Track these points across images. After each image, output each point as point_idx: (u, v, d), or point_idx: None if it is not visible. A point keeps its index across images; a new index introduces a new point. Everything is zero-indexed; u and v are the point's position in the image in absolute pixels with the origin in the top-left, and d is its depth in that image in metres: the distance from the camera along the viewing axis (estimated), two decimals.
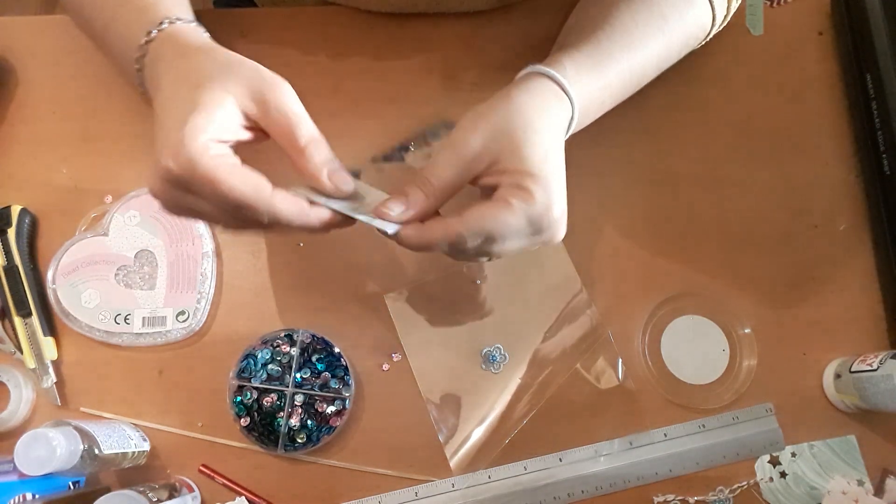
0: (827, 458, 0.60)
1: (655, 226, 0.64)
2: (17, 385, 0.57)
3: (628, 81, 0.57)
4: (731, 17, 0.62)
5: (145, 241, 0.60)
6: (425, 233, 0.46)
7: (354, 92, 0.65)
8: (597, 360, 0.61)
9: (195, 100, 0.42)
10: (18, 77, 0.64)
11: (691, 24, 0.59)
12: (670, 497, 0.58)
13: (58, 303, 0.59)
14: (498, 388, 0.60)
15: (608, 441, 0.59)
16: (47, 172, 0.62)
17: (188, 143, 0.41)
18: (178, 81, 0.44)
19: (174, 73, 0.45)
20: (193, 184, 0.42)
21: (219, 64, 0.44)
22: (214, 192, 0.42)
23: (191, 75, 0.44)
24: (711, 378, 0.61)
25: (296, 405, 0.57)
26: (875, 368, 0.55)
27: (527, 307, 0.61)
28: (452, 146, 0.47)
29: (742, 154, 0.66)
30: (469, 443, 0.58)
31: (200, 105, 0.42)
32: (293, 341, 0.59)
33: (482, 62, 0.66)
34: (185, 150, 0.41)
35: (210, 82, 0.43)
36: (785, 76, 0.67)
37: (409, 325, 0.60)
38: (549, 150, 0.47)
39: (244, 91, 0.43)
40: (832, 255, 0.64)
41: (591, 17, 0.58)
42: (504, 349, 0.60)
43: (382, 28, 0.66)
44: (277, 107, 0.44)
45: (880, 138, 0.63)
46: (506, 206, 0.45)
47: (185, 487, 0.55)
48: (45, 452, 0.47)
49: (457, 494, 0.58)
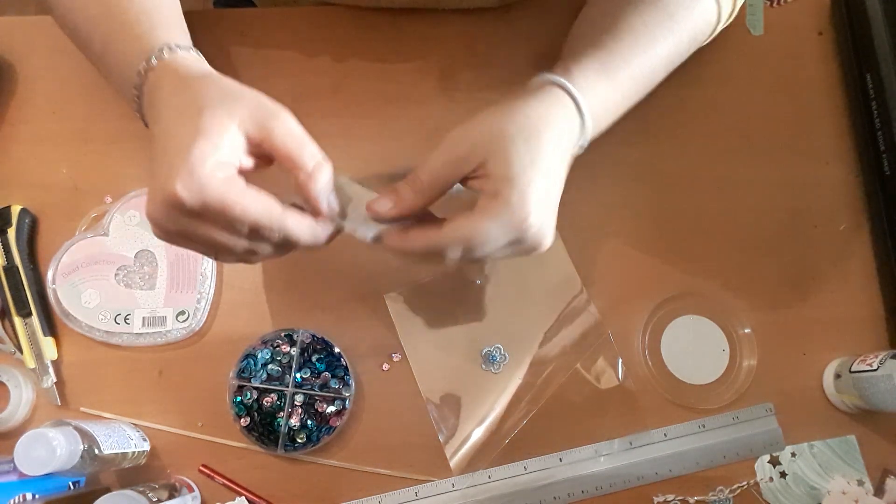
0: (827, 458, 0.60)
1: (655, 226, 0.64)
2: (17, 385, 0.57)
3: (640, 84, 0.56)
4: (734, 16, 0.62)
5: (145, 241, 0.60)
6: (406, 241, 0.46)
7: (354, 92, 0.65)
8: (597, 360, 0.61)
9: (199, 126, 0.42)
10: (18, 77, 0.64)
11: (699, 21, 0.59)
12: (670, 497, 0.58)
13: (58, 303, 0.59)
14: (498, 388, 0.60)
15: (608, 441, 0.59)
16: (47, 172, 0.62)
17: (197, 168, 0.40)
18: (180, 110, 0.44)
19: (175, 102, 0.45)
20: (206, 209, 0.41)
21: (221, 91, 0.44)
22: (227, 215, 0.42)
23: (193, 103, 0.44)
24: (711, 378, 0.61)
25: (296, 405, 0.57)
26: (875, 368, 0.56)
27: (527, 307, 0.61)
28: (445, 143, 0.47)
29: (742, 154, 0.66)
30: (469, 443, 0.58)
31: (205, 131, 0.42)
32: (293, 341, 0.59)
33: (482, 62, 0.66)
34: (195, 176, 0.40)
35: (213, 109, 0.43)
36: (785, 76, 0.67)
37: (409, 325, 0.60)
38: (538, 158, 0.46)
39: (248, 116, 0.43)
40: (832, 255, 0.64)
41: (598, 20, 0.58)
42: (504, 349, 0.60)
43: (382, 28, 0.66)
44: (282, 131, 0.44)
45: (880, 138, 0.63)
46: (481, 216, 0.45)
47: (185, 487, 0.55)
48: (45, 452, 0.47)
49: (457, 494, 0.58)
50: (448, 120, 0.61)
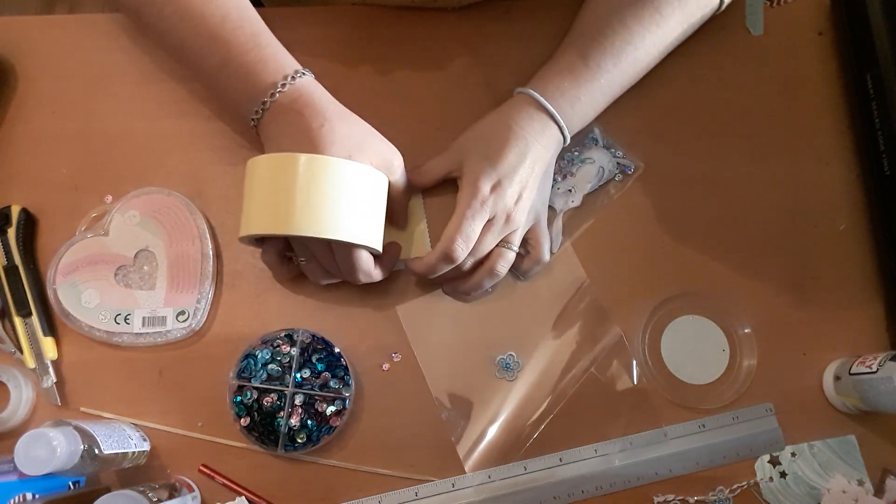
0: (827, 458, 0.60)
1: (655, 226, 0.64)
2: (17, 385, 0.57)
3: (619, 82, 0.60)
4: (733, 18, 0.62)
5: (145, 241, 0.60)
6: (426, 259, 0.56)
7: (356, 91, 0.64)
8: (611, 364, 0.61)
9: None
10: (18, 77, 0.64)
11: (692, 10, 0.60)
12: (670, 497, 0.58)
13: (58, 303, 0.59)
14: (513, 395, 0.60)
15: (608, 441, 0.59)
16: (47, 172, 0.62)
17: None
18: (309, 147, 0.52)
19: (299, 136, 0.53)
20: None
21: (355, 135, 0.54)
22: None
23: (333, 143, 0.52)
24: (711, 378, 0.61)
25: (296, 405, 0.57)
26: (874, 370, 0.55)
27: (538, 313, 0.61)
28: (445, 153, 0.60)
29: (742, 154, 0.66)
30: (485, 448, 0.58)
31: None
32: (293, 341, 0.59)
33: (483, 62, 0.66)
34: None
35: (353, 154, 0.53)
36: (785, 76, 0.67)
37: (421, 335, 0.60)
38: (496, 152, 0.56)
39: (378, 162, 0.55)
40: (832, 255, 0.64)
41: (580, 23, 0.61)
42: (517, 356, 0.60)
43: (384, 28, 0.66)
44: (402, 171, 0.57)
45: (880, 138, 0.63)
46: (456, 206, 0.56)
47: (185, 487, 0.55)
48: (45, 452, 0.47)
49: (457, 494, 0.58)
50: (448, 120, 0.61)
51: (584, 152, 0.64)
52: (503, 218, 0.56)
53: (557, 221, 0.62)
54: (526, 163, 0.56)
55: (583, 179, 0.63)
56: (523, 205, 0.57)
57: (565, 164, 0.63)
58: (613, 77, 0.59)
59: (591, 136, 0.64)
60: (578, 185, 0.63)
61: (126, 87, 0.64)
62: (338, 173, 0.52)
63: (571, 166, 0.63)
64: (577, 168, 0.63)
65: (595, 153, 0.63)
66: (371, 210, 0.54)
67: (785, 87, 0.67)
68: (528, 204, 0.57)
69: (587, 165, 0.63)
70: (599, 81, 0.59)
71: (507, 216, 0.56)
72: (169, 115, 0.63)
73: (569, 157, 0.64)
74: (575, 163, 0.63)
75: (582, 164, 0.63)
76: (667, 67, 0.63)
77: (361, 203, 0.53)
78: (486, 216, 0.55)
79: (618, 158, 0.63)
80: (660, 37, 0.60)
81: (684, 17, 0.60)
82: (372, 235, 0.54)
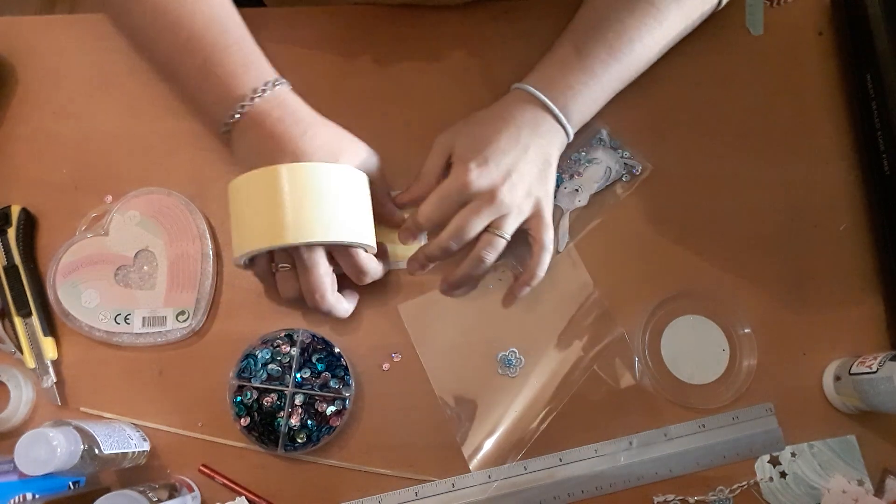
0: (827, 458, 0.60)
1: (655, 226, 0.64)
2: (17, 385, 0.57)
3: (617, 75, 0.60)
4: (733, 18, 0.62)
5: (145, 240, 0.60)
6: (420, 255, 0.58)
7: (356, 91, 0.65)
8: (613, 361, 0.61)
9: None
10: (18, 77, 0.64)
11: (691, 6, 0.61)
12: (670, 497, 0.58)
13: (58, 303, 0.59)
14: (515, 392, 0.60)
15: (608, 441, 0.59)
16: (47, 172, 0.62)
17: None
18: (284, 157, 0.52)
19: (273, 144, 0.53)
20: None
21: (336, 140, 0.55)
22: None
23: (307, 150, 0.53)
24: (711, 378, 0.61)
25: (296, 405, 0.57)
26: (875, 371, 0.55)
27: (540, 310, 0.61)
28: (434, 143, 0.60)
29: (742, 154, 0.66)
30: (489, 446, 0.58)
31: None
32: (293, 341, 0.59)
33: (484, 62, 0.66)
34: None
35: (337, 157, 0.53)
36: (785, 76, 0.67)
37: (423, 333, 0.60)
38: (486, 137, 0.56)
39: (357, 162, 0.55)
40: (832, 255, 0.64)
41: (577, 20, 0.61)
42: (520, 353, 0.60)
43: (384, 28, 0.66)
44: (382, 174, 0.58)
45: (880, 138, 0.63)
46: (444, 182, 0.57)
47: (185, 487, 0.55)
48: (45, 452, 0.47)
49: (457, 494, 0.58)
50: (448, 119, 0.61)
51: (592, 153, 0.64)
52: (487, 197, 0.55)
53: (564, 220, 0.62)
54: (517, 147, 0.56)
55: (590, 179, 0.63)
56: (514, 188, 0.55)
57: (572, 164, 0.64)
58: (610, 68, 0.59)
59: (599, 137, 0.64)
60: (585, 185, 0.63)
61: (126, 87, 0.64)
62: (321, 177, 0.52)
63: (578, 166, 0.63)
64: (584, 168, 0.63)
65: (602, 154, 0.64)
66: (359, 209, 0.54)
67: (785, 87, 0.67)
68: (520, 189, 0.56)
69: (594, 165, 0.63)
70: (594, 72, 0.58)
71: (493, 195, 0.55)
72: (169, 115, 0.63)
73: (576, 157, 0.64)
74: (582, 163, 0.63)
75: (589, 164, 0.63)
76: (666, 67, 0.63)
77: (349, 203, 0.53)
78: (467, 192, 0.55)
79: (625, 159, 0.64)
80: (658, 31, 0.60)
81: (682, 13, 0.61)
82: (365, 233, 0.54)
